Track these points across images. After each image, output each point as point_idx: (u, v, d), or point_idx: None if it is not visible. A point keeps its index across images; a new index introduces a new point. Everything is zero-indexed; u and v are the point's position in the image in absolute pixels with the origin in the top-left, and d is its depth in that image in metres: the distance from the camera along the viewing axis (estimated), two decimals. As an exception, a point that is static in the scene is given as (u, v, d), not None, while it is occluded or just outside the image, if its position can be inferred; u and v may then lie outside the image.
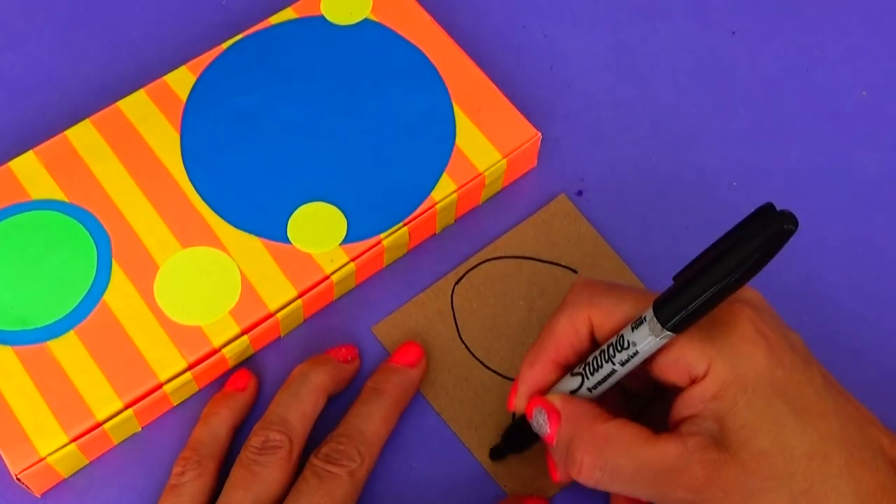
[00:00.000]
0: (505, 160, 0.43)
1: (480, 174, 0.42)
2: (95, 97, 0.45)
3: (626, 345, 0.33)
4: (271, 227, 0.41)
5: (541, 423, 0.34)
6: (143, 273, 0.40)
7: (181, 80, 0.44)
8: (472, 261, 0.43)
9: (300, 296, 0.40)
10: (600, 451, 0.33)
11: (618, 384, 0.34)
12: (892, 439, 0.34)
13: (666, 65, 0.48)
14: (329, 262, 0.40)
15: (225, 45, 0.45)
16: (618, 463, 0.32)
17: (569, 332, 0.35)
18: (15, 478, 0.36)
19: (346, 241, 0.41)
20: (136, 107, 0.43)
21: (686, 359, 0.32)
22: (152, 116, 0.43)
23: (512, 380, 0.40)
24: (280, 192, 0.42)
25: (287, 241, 0.41)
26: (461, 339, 0.41)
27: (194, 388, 0.40)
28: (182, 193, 0.42)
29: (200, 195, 0.42)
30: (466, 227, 0.44)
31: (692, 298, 0.30)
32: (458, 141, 0.43)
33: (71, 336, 0.39)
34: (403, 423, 0.39)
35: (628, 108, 0.47)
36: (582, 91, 0.47)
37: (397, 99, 0.44)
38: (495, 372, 0.40)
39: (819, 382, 0.33)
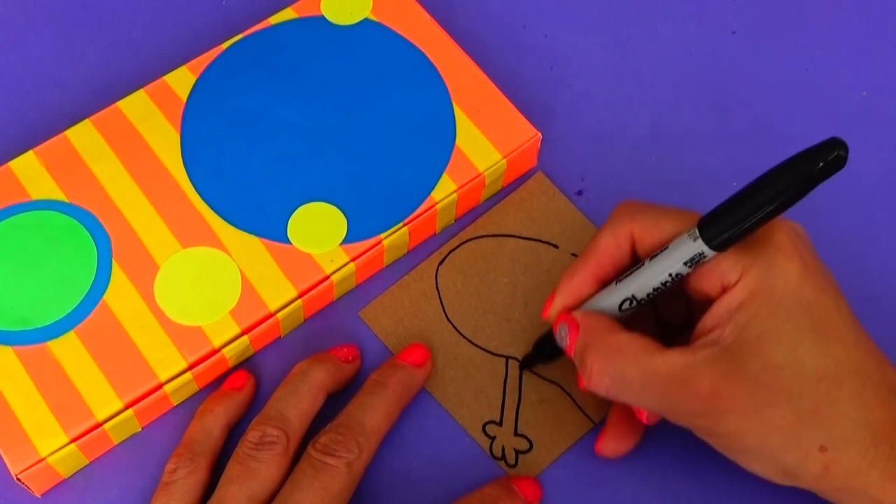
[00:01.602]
0: (505, 160, 0.43)
1: (480, 174, 0.42)
2: (96, 97, 0.45)
3: (667, 261, 0.33)
4: (271, 228, 0.41)
5: (563, 336, 0.36)
6: (144, 273, 0.40)
7: (181, 80, 0.44)
8: (454, 241, 0.43)
9: (300, 296, 0.40)
10: (610, 358, 0.34)
11: (652, 313, 0.35)
12: None
13: (666, 65, 0.48)
14: (329, 262, 0.40)
15: (225, 45, 0.45)
16: (626, 371, 0.33)
17: (610, 247, 0.35)
18: (15, 478, 0.36)
19: (346, 241, 0.41)
20: (136, 107, 0.43)
21: (721, 267, 0.32)
22: (152, 116, 0.43)
23: (500, 356, 0.41)
24: (280, 192, 0.42)
25: (287, 241, 0.41)
26: (448, 318, 0.41)
27: (194, 388, 0.40)
28: (182, 193, 0.42)
29: (200, 195, 0.42)
30: (466, 228, 0.44)
31: (739, 219, 0.31)
32: (458, 141, 0.43)
33: (71, 336, 0.39)
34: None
35: (628, 108, 0.47)
36: (582, 91, 0.47)
37: (397, 99, 0.44)
38: (483, 349, 0.41)
39: (846, 311, 0.33)
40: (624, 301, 0.35)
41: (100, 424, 0.37)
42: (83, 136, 0.42)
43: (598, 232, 0.36)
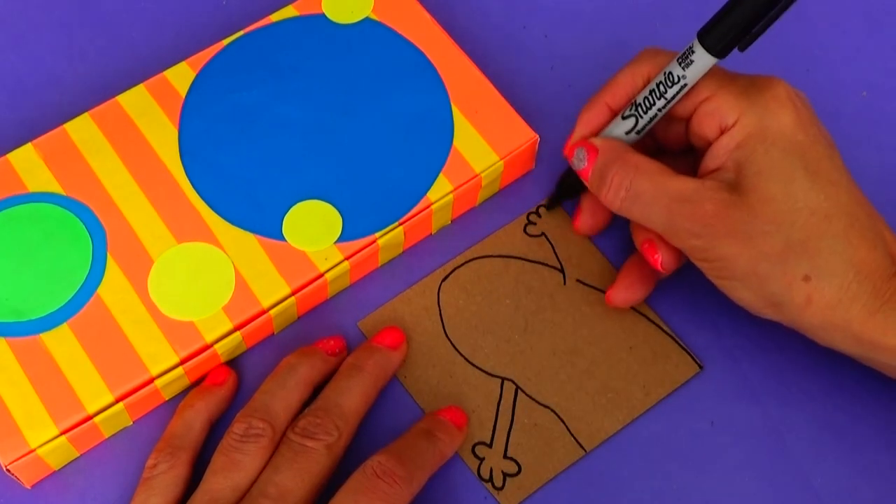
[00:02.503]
0: (502, 162, 0.43)
1: (477, 175, 0.42)
2: (95, 93, 0.45)
3: (675, 79, 0.36)
4: (266, 224, 0.41)
5: (580, 158, 0.39)
6: (138, 267, 0.40)
7: (181, 76, 0.44)
8: (460, 259, 0.43)
9: (294, 293, 0.40)
10: (628, 172, 0.37)
11: (653, 141, 0.40)
12: (893, 236, 0.36)
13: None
14: (323, 260, 0.40)
15: (225, 42, 0.45)
16: (641, 186, 0.37)
17: (627, 82, 0.39)
18: (5, 469, 0.37)
19: (340, 239, 0.41)
20: (136, 101, 0.43)
21: (721, 109, 0.36)
22: (151, 111, 0.43)
23: (496, 377, 0.40)
24: (276, 190, 0.42)
25: (282, 238, 0.41)
26: (447, 335, 0.41)
27: (186, 382, 0.40)
28: (178, 189, 0.42)
29: (197, 191, 0.42)
30: (463, 229, 0.44)
31: (735, 23, 0.34)
32: (455, 142, 0.43)
33: (64, 329, 0.39)
34: (387, 417, 0.40)
35: (628, 110, 0.46)
36: (582, 91, 0.46)
37: (396, 98, 0.44)
38: (480, 369, 0.40)
39: (838, 161, 0.36)
40: (630, 116, 0.38)
41: (90, 417, 0.38)
42: (82, 130, 0.43)
43: (620, 70, 0.40)
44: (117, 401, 0.38)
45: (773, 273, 0.34)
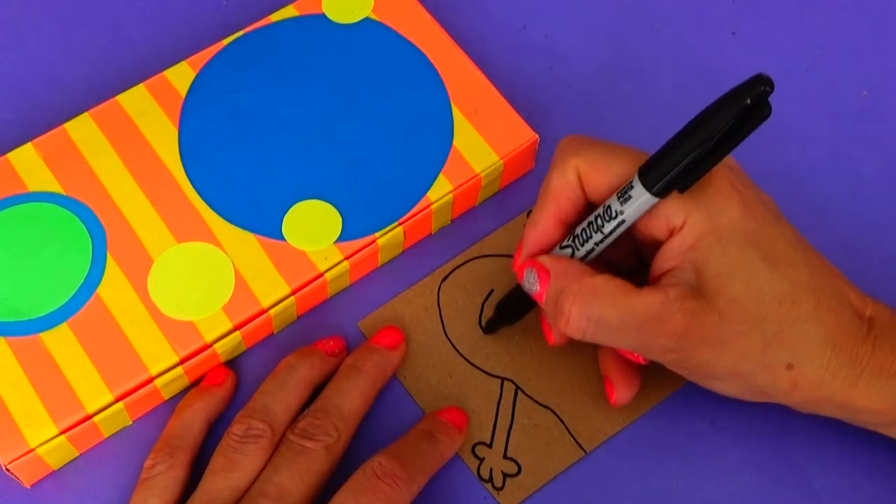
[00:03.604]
0: (502, 162, 0.43)
1: (477, 175, 0.42)
2: (95, 93, 0.45)
3: (613, 214, 0.34)
4: (266, 224, 0.41)
5: (531, 281, 0.36)
6: (138, 267, 0.40)
7: (181, 76, 0.44)
8: (460, 258, 0.43)
9: (293, 293, 0.40)
10: (587, 301, 0.34)
11: (602, 259, 0.36)
12: (856, 292, 0.36)
13: (666, 65, 0.47)
14: (323, 259, 0.40)
15: (225, 42, 0.45)
16: (604, 313, 0.34)
17: (562, 184, 0.36)
18: (4, 468, 0.37)
19: (340, 239, 0.41)
20: (136, 101, 0.43)
21: (665, 211, 0.34)
22: (151, 111, 0.43)
23: (496, 377, 0.40)
24: (276, 189, 0.42)
25: (282, 237, 0.41)
26: (446, 335, 0.41)
27: (185, 382, 0.40)
28: (178, 188, 0.42)
29: (197, 190, 0.42)
30: (463, 228, 0.44)
31: (677, 163, 0.32)
32: (455, 142, 0.43)
33: (64, 328, 0.39)
34: (387, 417, 0.39)
35: (628, 108, 0.46)
36: (582, 91, 0.47)
37: (396, 98, 0.44)
38: (479, 368, 0.40)
39: (790, 236, 0.35)
40: (567, 247, 0.36)
41: (90, 417, 0.38)
42: (82, 130, 0.43)
43: (548, 173, 0.36)
44: (117, 400, 0.38)
45: (756, 369, 0.34)
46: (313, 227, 0.41)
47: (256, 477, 0.36)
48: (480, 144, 0.43)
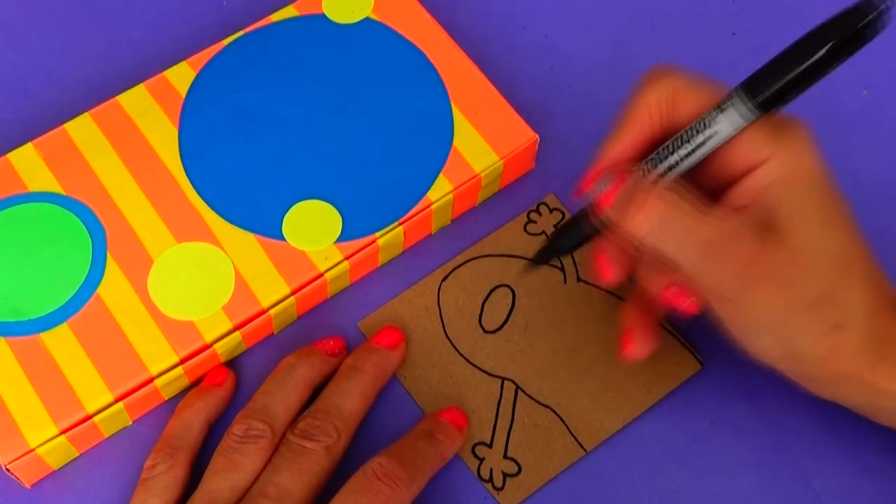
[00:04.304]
0: (502, 162, 0.43)
1: (477, 175, 0.42)
2: (95, 93, 0.45)
3: (706, 124, 0.33)
4: (266, 224, 0.41)
5: (603, 185, 0.34)
6: (138, 267, 0.40)
7: (181, 76, 0.44)
8: (460, 258, 0.43)
9: (293, 293, 0.40)
10: (662, 196, 0.33)
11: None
12: (886, 277, 0.35)
13: (666, 66, 0.47)
14: (323, 259, 0.40)
15: (225, 42, 0.45)
16: (675, 217, 0.33)
17: (654, 100, 0.35)
18: (4, 468, 0.37)
19: (340, 239, 0.41)
20: (136, 101, 0.43)
21: (753, 143, 0.33)
22: (151, 111, 0.43)
23: (496, 377, 0.40)
24: (276, 189, 0.42)
25: (282, 237, 0.41)
26: (446, 335, 0.41)
27: (185, 382, 0.40)
28: (178, 188, 0.42)
29: (197, 190, 0.42)
30: (463, 228, 0.44)
31: (785, 74, 0.31)
32: (455, 142, 0.43)
33: (64, 328, 0.39)
34: (387, 417, 0.39)
35: (628, 110, 0.46)
36: (582, 91, 0.47)
37: (396, 98, 0.44)
38: (479, 368, 0.40)
39: (849, 206, 0.34)
40: (666, 171, 0.34)
41: (90, 417, 0.38)
42: (82, 130, 0.43)
43: (635, 92, 0.35)
44: (117, 400, 0.38)
45: (804, 324, 0.33)
46: (313, 227, 0.41)
47: (256, 477, 0.36)
48: (480, 144, 0.43)
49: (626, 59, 0.48)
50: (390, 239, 0.41)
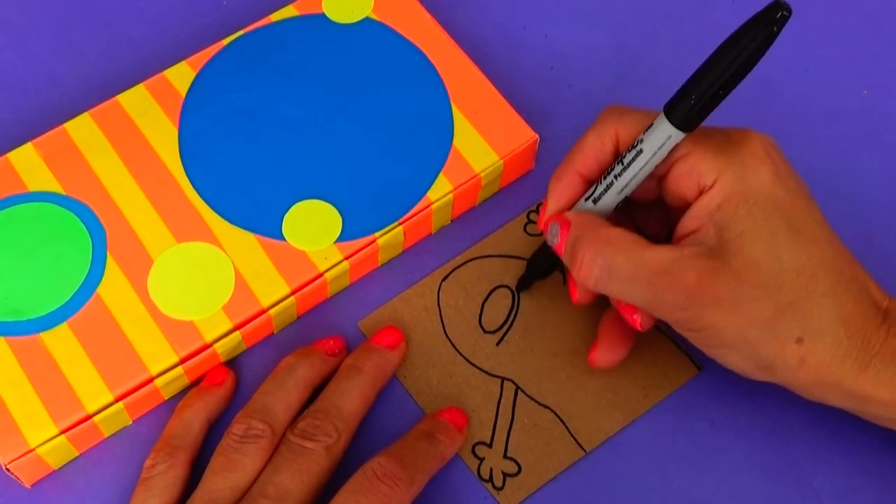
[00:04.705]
0: (502, 162, 0.43)
1: (477, 175, 0.42)
2: (95, 93, 0.45)
3: (639, 149, 0.35)
4: (266, 224, 0.41)
5: (554, 233, 0.37)
6: (138, 267, 0.40)
7: (181, 76, 0.44)
8: (460, 259, 0.43)
9: (293, 293, 0.40)
10: (600, 249, 0.35)
11: (632, 227, 0.37)
12: (876, 285, 0.35)
13: (666, 65, 0.47)
14: (323, 259, 0.40)
15: (225, 42, 0.45)
16: (616, 262, 0.34)
17: (595, 147, 0.37)
18: (5, 468, 0.37)
19: (340, 239, 0.41)
20: (136, 101, 0.43)
21: (698, 168, 0.34)
22: (151, 111, 0.43)
23: (496, 377, 0.40)
24: (276, 189, 0.42)
25: (282, 237, 0.41)
26: (446, 335, 0.41)
27: (185, 382, 0.40)
28: (178, 188, 0.42)
29: (197, 190, 0.42)
30: (463, 228, 0.44)
31: (699, 95, 0.33)
32: (455, 142, 0.43)
33: (64, 328, 0.39)
34: (387, 417, 0.39)
35: (628, 109, 0.46)
36: (582, 91, 0.47)
37: (396, 98, 0.44)
38: (479, 368, 0.40)
39: (817, 214, 0.35)
40: (602, 193, 0.36)
41: (90, 417, 0.38)
42: (82, 129, 0.43)
43: (584, 134, 0.37)
44: (117, 400, 0.38)
45: (764, 338, 0.33)
46: (313, 226, 0.41)
47: (256, 477, 0.36)
48: (480, 144, 0.43)
49: (625, 59, 0.48)
50: (390, 239, 0.41)
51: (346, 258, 0.41)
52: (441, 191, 0.42)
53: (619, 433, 0.39)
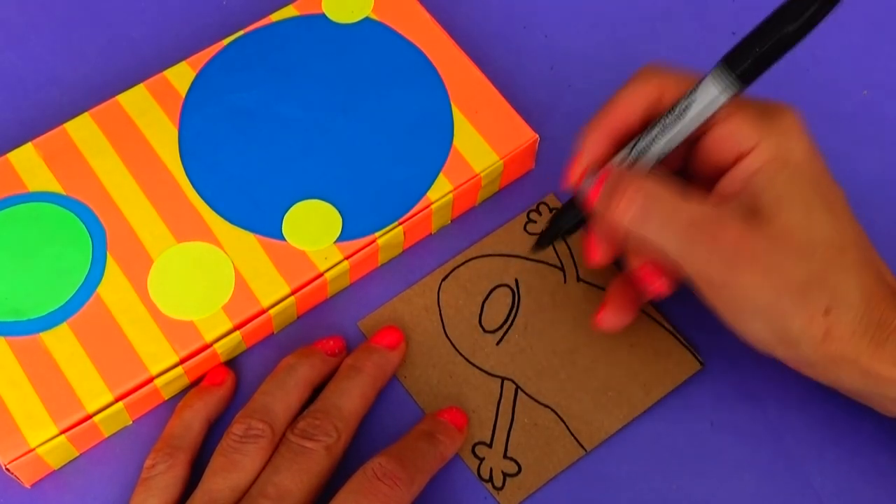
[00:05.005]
0: (502, 162, 0.43)
1: (477, 175, 0.42)
2: (95, 93, 0.45)
3: (686, 104, 0.34)
4: (266, 224, 0.41)
5: (589, 180, 0.36)
6: (138, 267, 0.40)
7: (181, 76, 0.44)
8: (460, 258, 0.43)
9: (293, 293, 0.40)
10: (641, 187, 0.34)
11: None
12: (887, 267, 0.35)
13: (666, 66, 0.47)
14: (323, 259, 0.40)
15: (225, 42, 0.45)
16: (656, 205, 0.34)
17: (634, 103, 0.36)
18: (4, 468, 0.37)
19: (340, 238, 0.41)
20: (136, 101, 0.43)
21: (739, 131, 0.34)
22: (151, 111, 0.43)
23: (496, 376, 0.40)
24: (276, 189, 0.42)
25: (282, 237, 0.41)
26: (446, 335, 0.41)
27: (185, 382, 0.40)
28: (178, 188, 0.42)
29: (197, 190, 0.42)
30: (463, 228, 0.44)
31: (760, 45, 0.33)
32: (455, 141, 0.43)
33: (64, 328, 0.39)
34: (387, 417, 0.39)
35: (628, 110, 0.46)
36: (582, 91, 0.47)
37: (396, 98, 0.44)
38: (479, 368, 0.40)
39: (842, 192, 0.35)
40: (642, 152, 0.35)
41: (90, 416, 0.38)
42: (82, 129, 0.43)
43: (621, 90, 0.36)
44: (117, 400, 0.38)
45: (794, 307, 0.33)
46: (313, 226, 0.41)
47: (256, 477, 0.36)
48: (480, 144, 0.43)
49: (626, 59, 0.47)
50: (390, 239, 0.41)
51: (346, 258, 0.41)
52: (441, 191, 0.42)
53: (619, 433, 0.39)
